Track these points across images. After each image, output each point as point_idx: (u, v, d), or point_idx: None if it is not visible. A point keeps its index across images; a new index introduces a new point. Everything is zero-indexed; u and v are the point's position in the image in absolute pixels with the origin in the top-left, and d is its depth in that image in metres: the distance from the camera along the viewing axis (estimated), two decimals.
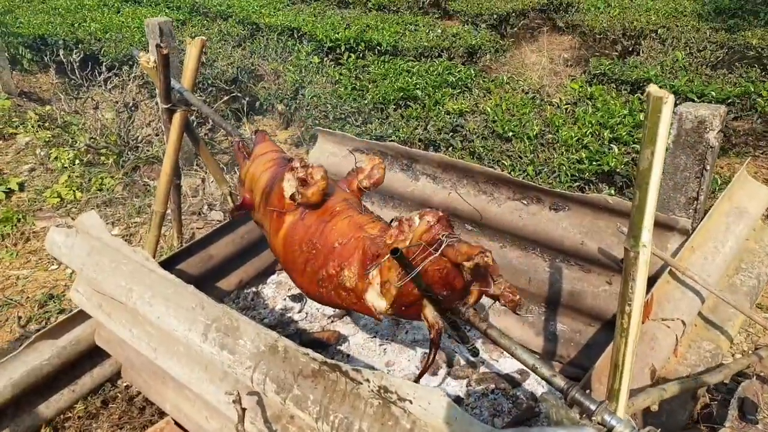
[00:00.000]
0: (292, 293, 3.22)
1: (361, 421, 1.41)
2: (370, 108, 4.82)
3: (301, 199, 1.99)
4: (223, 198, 4.35)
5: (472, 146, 4.30)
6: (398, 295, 1.64)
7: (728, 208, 2.54)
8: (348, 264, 1.80)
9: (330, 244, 1.88)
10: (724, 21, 7.17)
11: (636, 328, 1.31)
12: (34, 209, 4.59)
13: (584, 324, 2.69)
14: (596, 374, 1.81)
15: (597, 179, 3.87)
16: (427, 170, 3.09)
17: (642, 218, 1.26)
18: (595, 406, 1.39)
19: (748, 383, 2.35)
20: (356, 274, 1.77)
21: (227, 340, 1.73)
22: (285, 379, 1.58)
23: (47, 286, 3.66)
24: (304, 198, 1.98)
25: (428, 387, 1.30)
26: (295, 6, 9.02)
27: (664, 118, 1.20)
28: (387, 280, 1.66)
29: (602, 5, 8.02)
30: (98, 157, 5.11)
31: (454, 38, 6.63)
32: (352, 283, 1.77)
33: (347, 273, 1.79)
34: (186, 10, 8.60)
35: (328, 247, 1.88)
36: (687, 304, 2.20)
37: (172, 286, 1.90)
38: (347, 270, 1.79)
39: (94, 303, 2.33)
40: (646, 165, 1.23)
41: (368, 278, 1.73)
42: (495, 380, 2.56)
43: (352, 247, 1.81)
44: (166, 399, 2.37)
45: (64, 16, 8.19)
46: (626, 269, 1.30)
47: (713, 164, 2.40)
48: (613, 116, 4.25)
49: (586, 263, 2.66)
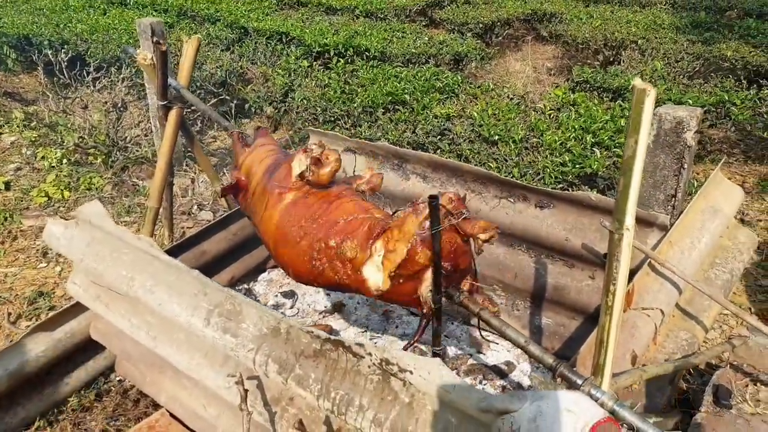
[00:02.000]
0: (283, 290, 3.28)
1: (362, 396, 1.48)
2: (359, 111, 4.91)
3: (312, 176, 2.07)
4: (213, 197, 4.41)
5: (459, 149, 4.40)
6: (403, 262, 1.72)
7: (704, 207, 2.66)
8: (351, 237, 1.87)
9: (334, 219, 1.96)
10: (700, 34, 7.40)
11: (620, 306, 1.41)
12: (21, 208, 4.59)
13: (568, 318, 2.79)
14: (581, 358, 1.90)
15: (580, 181, 3.98)
16: (417, 169, 3.17)
17: (626, 202, 1.35)
18: (581, 381, 1.47)
19: (722, 371, 2.46)
20: (358, 245, 1.84)
21: (230, 324, 1.79)
22: (287, 359, 1.65)
23: (36, 284, 3.68)
24: (316, 176, 2.06)
25: (427, 358, 1.38)
26: (283, 11, 9.10)
27: (646, 108, 1.30)
28: (393, 248, 1.73)
29: (585, 17, 8.22)
30: (86, 156, 5.13)
31: (440, 45, 6.75)
32: (353, 254, 1.84)
33: (349, 244, 1.86)
34: (174, 13, 8.63)
35: (331, 222, 1.96)
36: (665, 295, 2.31)
37: (175, 273, 1.95)
38: (349, 241, 1.86)
39: (91, 294, 2.37)
40: (630, 153, 1.33)
41: (370, 250, 1.80)
42: (483, 371, 2.65)
43: (357, 224, 1.89)
44: (162, 390, 2.41)
45: (49, 17, 8.17)
46: (611, 250, 1.40)
47: (691, 163, 2.52)
48: (596, 121, 4.38)
49: (570, 259, 2.77)
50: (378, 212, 1.97)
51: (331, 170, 2.10)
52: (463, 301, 1.76)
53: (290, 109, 5.42)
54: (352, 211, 1.96)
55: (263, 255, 3.43)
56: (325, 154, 2.12)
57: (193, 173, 4.79)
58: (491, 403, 1.18)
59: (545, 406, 1.09)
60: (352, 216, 1.94)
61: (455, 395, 1.27)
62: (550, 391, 1.11)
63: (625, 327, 2.13)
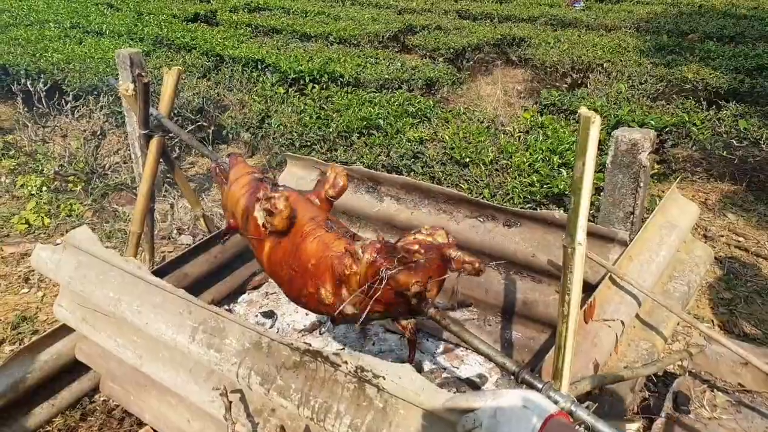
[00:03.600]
0: (263, 310, 3.37)
1: (339, 403, 1.59)
2: (334, 136, 5.04)
3: (270, 228, 2.18)
4: (193, 221, 4.50)
5: (432, 171, 4.55)
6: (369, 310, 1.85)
7: (662, 222, 2.82)
8: (322, 282, 2.01)
9: (304, 265, 2.08)
10: (663, 57, 7.68)
11: (575, 313, 1.54)
12: (2, 235, 4.63)
13: (537, 331, 2.92)
14: (546, 367, 2.03)
15: (547, 201, 4.15)
16: (391, 192, 3.31)
17: (577, 219, 1.49)
18: (541, 385, 1.60)
19: (681, 379, 2.62)
20: (330, 291, 1.99)
21: (214, 340, 1.89)
22: (268, 371, 1.75)
23: (19, 309, 3.72)
24: (273, 227, 2.17)
25: (398, 364, 1.49)
26: (257, 38, 9.26)
27: (592, 134, 1.45)
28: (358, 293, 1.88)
29: (552, 41, 8.48)
30: (66, 184, 5.19)
31: (413, 71, 6.94)
32: (330, 300, 1.99)
33: (323, 292, 2.00)
34: (149, 42, 8.72)
35: (303, 268, 2.09)
36: (626, 307, 2.46)
37: (161, 293, 2.05)
38: (323, 289, 2.00)
39: (77, 317, 2.45)
40: (579, 174, 1.48)
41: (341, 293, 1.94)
42: (456, 384, 2.76)
43: (323, 267, 2.02)
44: (147, 408, 2.49)
45: (24, 47, 8.21)
46: (565, 263, 1.53)
47: (647, 182, 2.69)
48: (562, 143, 4.57)
49: (537, 274, 2.91)
50: (338, 244, 2.07)
51: (282, 218, 2.17)
52: (432, 316, 1.88)
53: (267, 135, 5.53)
54: (315, 251, 2.08)
55: (243, 276, 3.53)
56: (273, 204, 2.16)
57: (172, 198, 4.88)
58: (456, 402, 1.29)
59: (504, 402, 1.21)
60: (317, 258, 2.06)
61: (424, 397, 1.39)
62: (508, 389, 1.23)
63: (587, 337, 2.26)
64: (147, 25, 9.52)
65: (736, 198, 5.29)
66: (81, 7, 11.59)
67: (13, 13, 10.76)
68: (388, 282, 1.77)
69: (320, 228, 2.25)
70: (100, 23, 9.71)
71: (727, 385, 2.74)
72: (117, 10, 11.64)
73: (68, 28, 9.59)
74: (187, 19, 10.66)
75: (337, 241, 2.16)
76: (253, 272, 3.58)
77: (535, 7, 11.71)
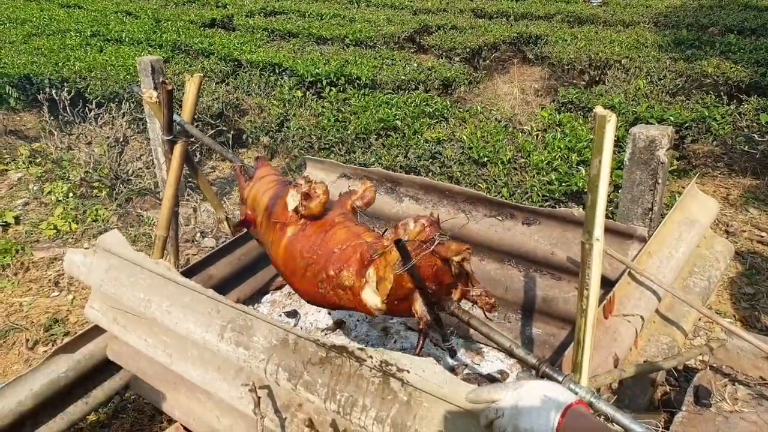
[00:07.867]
0: (286, 310, 3.43)
1: (365, 397, 1.65)
2: (353, 138, 5.11)
3: (304, 211, 2.24)
4: (216, 225, 4.58)
5: (450, 171, 4.60)
6: (393, 288, 1.89)
7: (680, 218, 2.84)
8: (347, 266, 2.05)
9: (330, 249, 2.13)
10: (682, 51, 7.63)
11: (593, 308, 1.58)
12: (32, 241, 4.76)
13: (557, 327, 2.95)
14: (566, 361, 2.06)
15: (566, 198, 4.17)
16: (410, 192, 3.36)
17: (594, 216, 1.53)
18: (561, 377, 1.64)
19: (702, 373, 2.62)
20: (354, 273, 2.02)
21: (242, 338, 1.95)
22: (295, 367, 1.81)
23: (50, 312, 3.83)
24: (308, 210, 2.23)
25: (422, 358, 1.54)
26: (274, 42, 9.36)
27: (608, 133, 1.49)
28: (383, 276, 1.91)
29: (569, 38, 8.46)
30: (91, 190, 5.31)
31: (429, 71, 6.98)
32: (351, 282, 2.02)
33: (346, 273, 2.03)
34: (168, 48, 8.87)
35: (329, 252, 2.13)
36: (645, 302, 2.48)
37: (190, 293, 2.12)
38: (346, 271, 2.04)
39: (109, 318, 2.53)
40: (595, 171, 1.51)
41: (365, 277, 1.98)
42: (477, 381, 2.80)
43: (350, 252, 2.07)
44: (177, 405, 2.56)
45: (47, 56, 8.40)
46: (583, 259, 1.57)
47: (665, 178, 2.71)
48: (581, 141, 4.59)
49: (556, 272, 2.94)
50: (368, 236, 2.14)
51: (319, 202, 2.26)
52: (454, 311, 1.93)
53: (286, 138, 5.62)
54: (344, 239, 2.14)
55: (267, 277, 3.59)
56: (313, 188, 2.27)
57: (194, 202, 4.97)
58: (478, 394, 1.34)
59: (524, 392, 1.25)
60: (345, 244, 2.11)
61: (447, 390, 1.44)
62: (529, 380, 1.27)
63: (607, 332, 2.29)
64: (165, 32, 9.68)
65: (758, 193, 5.26)
66: (100, 16, 11.81)
67: (35, 23, 11.00)
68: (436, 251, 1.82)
69: (350, 221, 2.32)
70: (120, 31, 9.89)
71: (749, 379, 2.75)
72: (135, 17, 11.83)
73: (89, 36, 9.79)
74: (204, 25, 10.81)
75: (367, 233, 2.22)
76: (275, 273, 3.65)
77: (552, 4, 11.68)
